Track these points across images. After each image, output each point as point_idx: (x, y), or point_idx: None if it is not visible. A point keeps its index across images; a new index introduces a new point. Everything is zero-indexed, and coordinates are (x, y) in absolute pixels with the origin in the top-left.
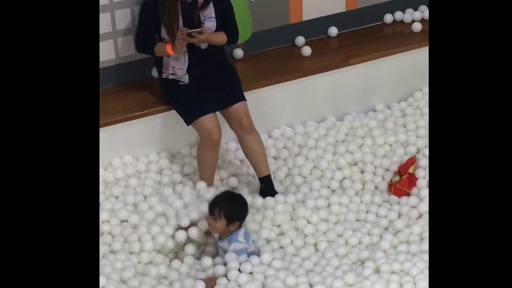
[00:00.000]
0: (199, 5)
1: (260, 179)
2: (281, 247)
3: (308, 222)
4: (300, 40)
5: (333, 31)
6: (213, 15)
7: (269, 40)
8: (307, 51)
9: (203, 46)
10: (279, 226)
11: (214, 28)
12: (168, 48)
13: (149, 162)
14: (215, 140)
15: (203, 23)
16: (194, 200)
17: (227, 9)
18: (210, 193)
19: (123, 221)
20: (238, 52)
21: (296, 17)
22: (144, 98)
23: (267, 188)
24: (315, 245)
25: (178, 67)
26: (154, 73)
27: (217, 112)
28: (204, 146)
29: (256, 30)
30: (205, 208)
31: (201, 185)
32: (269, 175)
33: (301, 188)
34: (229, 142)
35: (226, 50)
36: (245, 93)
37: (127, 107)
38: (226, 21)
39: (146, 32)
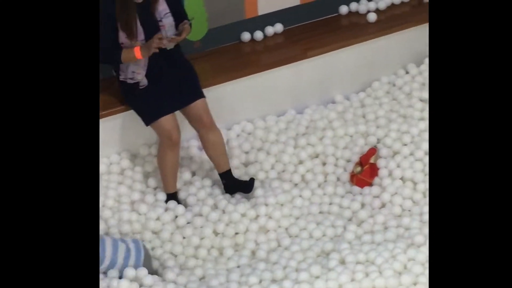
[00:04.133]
0: (151, 2)
1: (220, 174)
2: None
3: (270, 218)
4: (257, 34)
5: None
6: (168, 10)
7: (226, 36)
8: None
9: (169, 46)
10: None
11: (174, 23)
12: (137, 52)
13: (110, 164)
14: (174, 140)
15: (160, 21)
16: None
17: (176, 0)
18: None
19: None
20: (246, 36)
21: (251, 11)
22: (105, 99)
23: (229, 183)
24: (278, 240)
25: (137, 72)
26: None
27: (177, 111)
28: (164, 147)
29: (212, 26)
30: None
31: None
32: (230, 170)
33: (264, 183)
34: (190, 139)
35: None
36: (203, 90)
37: None
38: (180, 12)
39: (108, 42)
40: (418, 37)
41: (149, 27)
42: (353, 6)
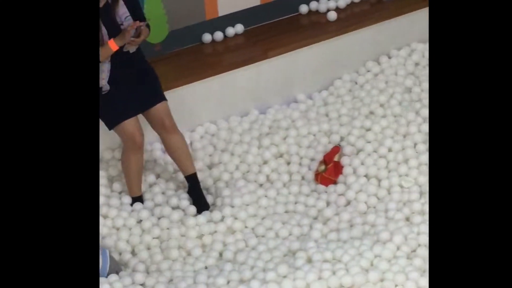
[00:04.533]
0: (111, 6)
1: (186, 177)
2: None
3: (236, 218)
4: (218, 35)
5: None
6: (128, 13)
7: (187, 38)
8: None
9: (132, 50)
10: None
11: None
12: (112, 44)
13: None
14: (138, 144)
15: (121, 24)
16: None
17: (134, 2)
18: None
19: None
20: (206, 37)
21: (211, 13)
22: None
23: (193, 188)
24: (245, 241)
25: (101, 77)
26: None
27: (139, 115)
28: (127, 150)
29: (173, 29)
30: None
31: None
32: (195, 173)
33: (229, 184)
34: (154, 142)
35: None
36: (165, 93)
37: None
38: (139, 15)
39: None
40: (378, 34)
41: (112, 30)
42: (313, 5)
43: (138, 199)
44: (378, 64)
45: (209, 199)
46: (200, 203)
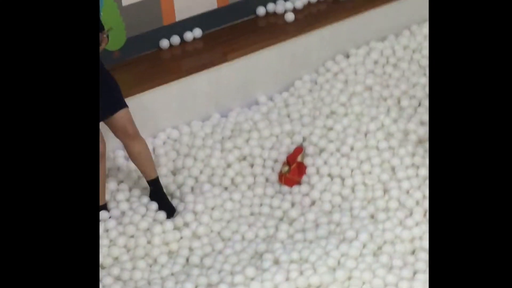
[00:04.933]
0: None
1: (148, 182)
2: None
3: (201, 223)
4: (176, 40)
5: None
6: None
7: (145, 44)
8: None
9: None
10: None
11: None
12: None
13: None
14: (100, 152)
15: None
16: None
17: None
18: None
19: None
20: (164, 43)
21: (169, 18)
22: None
23: (156, 192)
24: (211, 245)
25: None
26: None
27: (100, 123)
28: None
29: (131, 35)
30: None
31: None
32: (157, 177)
33: (194, 189)
34: (116, 150)
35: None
36: (126, 99)
37: None
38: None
39: None
40: (336, 34)
41: None
42: (271, 7)
43: (102, 207)
44: (337, 64)
45: (174, 204)
46: (166, 207)
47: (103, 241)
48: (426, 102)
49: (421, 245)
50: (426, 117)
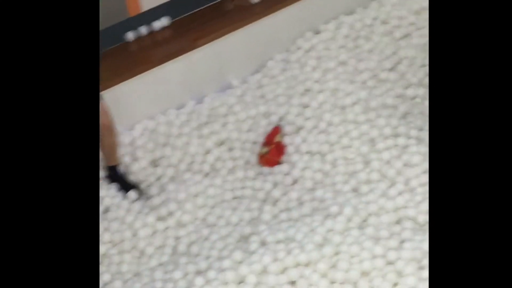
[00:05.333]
0: None
1: (108, 167)
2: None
3: (185, 211)
4: (143, 31)
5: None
6: None
7: (113, 37)
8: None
9: None
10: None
11: None
12: None
13: None
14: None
15: None
16: None
17: None
18: None
19: None
20: (132, 35)
21: (134, 9)
22: None
23: (113, 173)
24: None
25: None
26: None
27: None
28: None
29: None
30: None
31: None
32: (118, 165)
33: (174, 178)
34: None
35: None
36: (101, 93)
37: None
38: None
39: None
40: (304, 11)
41: None
42: None
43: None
44: (308, 41)
45: (156, 194)
46: (128, 186)
47: None
48: (401, 73)
49: (405, 214)
50: (401, 90)
